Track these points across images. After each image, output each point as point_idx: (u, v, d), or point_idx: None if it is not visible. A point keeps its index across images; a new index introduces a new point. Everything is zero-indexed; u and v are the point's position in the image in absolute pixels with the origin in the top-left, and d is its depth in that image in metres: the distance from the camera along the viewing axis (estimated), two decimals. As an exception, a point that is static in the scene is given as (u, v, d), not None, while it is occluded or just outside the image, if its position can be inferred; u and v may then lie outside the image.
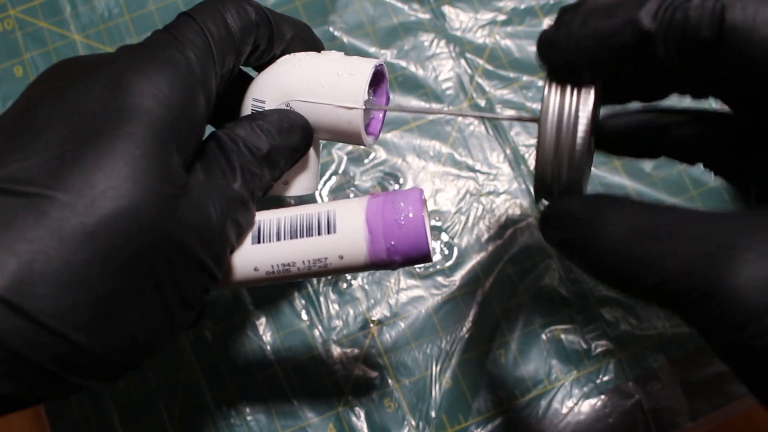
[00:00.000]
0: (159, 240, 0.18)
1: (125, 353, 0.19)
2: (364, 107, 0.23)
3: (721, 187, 0.38)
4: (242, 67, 0.25)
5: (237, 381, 0.36)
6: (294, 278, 0.23)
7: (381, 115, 0.26)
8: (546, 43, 0.21)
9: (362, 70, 0.23)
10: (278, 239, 0.22)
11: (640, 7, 0.19)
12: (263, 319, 0.36)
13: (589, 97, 0.21)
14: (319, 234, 0.22)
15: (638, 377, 0.36)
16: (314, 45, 0.26)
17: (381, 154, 0.39)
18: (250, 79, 0.25)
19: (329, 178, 0.38)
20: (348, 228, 0.22)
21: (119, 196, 0.17)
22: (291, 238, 0.22)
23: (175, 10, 0.41)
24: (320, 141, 0.26)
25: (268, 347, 0.36)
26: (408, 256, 0.23)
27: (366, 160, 0.39)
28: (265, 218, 0.23)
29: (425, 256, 0.23)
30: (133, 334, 0.18)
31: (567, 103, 0.21)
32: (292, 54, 0.25)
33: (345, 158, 0.38)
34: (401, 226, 0.22)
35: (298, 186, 0.26)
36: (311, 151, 0.26)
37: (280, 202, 0.35)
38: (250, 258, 0.23)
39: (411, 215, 0.22)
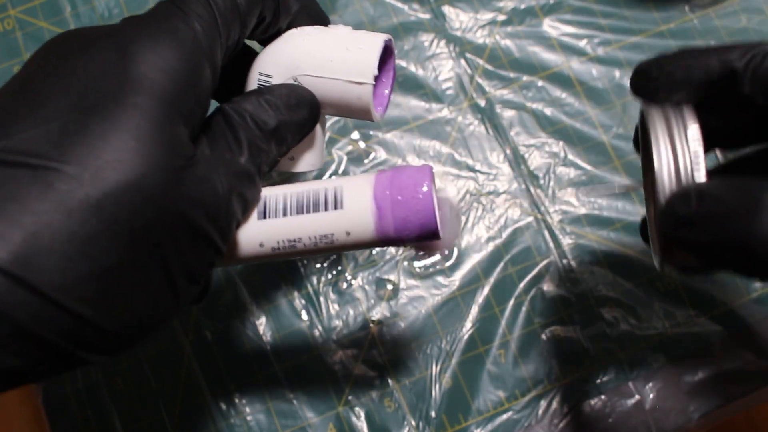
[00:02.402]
0: (165, 213, 0.18)
1: (130, 327, 0.18)
2: (373, 83, 0.23)
3: (721, 187, 0.38)
4: (247, 42, 0.24)
5: (237, 381, 0.36)
6: (300, 255, 0.23)
7: (388, 91, 0.26)
8: (640, 73, 0.23)
9: (372, 44, 0.23)
10: (284, 215, 0.22)
11: (730, 50, 0.21)
12: (263, 319, 0.36)
13: (691, 118, 0.22)
14: (326, 210, 0.22)
15: (638, 377, 0.36)
16: (321, 19, 0.25)
17: (381, 154, 0.39)
18: (255, 54, 0.25)
19: (329, 178, 0.38)
20: (355, 204, 0.22)
21: (125, 168, 0.17)
22: (297, 213, 0.22)
23: (175, 10, 0.41)
24: (326, 116, 0.26)
25: (268, 347, 0.36)
26: (417, 233, 0.22)
27: (366, 160, 0.39)
28: (271, 194, 0.23)
29: (434, 233, 0.22)
30: (138, 307, 0.18)
31: (673, 126, 0.22)
32: (299, 28, 0.24)
33: (345, 158, 0.38)
34: (410, 202, 0.22)
35: (304, 162, 0.26)
36: (317, 128, 0.25)
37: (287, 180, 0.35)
38: (256, 234, 0.22)
39: (421, 191, 0.22)
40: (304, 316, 0.36)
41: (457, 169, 0.39)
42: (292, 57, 0.23)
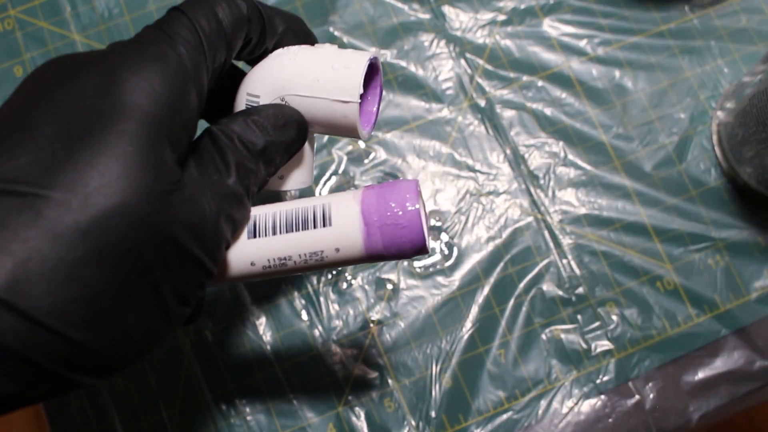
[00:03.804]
0: (153, 236, 0.18)
1: (122, 350, 0.19)
2: (359, 101, 0.23)
3: (722, 186, 0.38)
4: (234, 62, 0.24)
5: (237, 381, 0.36)
6: (291, 273, 0.23)
7: (375, 108, 0.26)
8: None
9: (357, 63, 0.23)
10: (274, 233, 0.22)
11: None
12: (263, 319, 0.36)
13: None
14: (314, 227, 0.22)
15: (638, 377, 0.36)
16: (307, 38, 0.25)
17: (381, 154, 0.39)
18: (243, 74, 0.25)
19: (329, 178, 0.38)
20: (343, 221, 0.22)
21: (112, 193, 0.17)
22: (287, 231, 0.22)
23: (175, 10, 0.41)
24: (315, 135, 0.26)
25: (268, 347, 0.36)
26: (404, 248, 0.22)
27: (366, 160, 0.39)
28: (260, 213, 0.23)
29: (422, 248, 0.22)
30: (129, 330, 0.18)
31: None
32: (285, 48, 0.24)
33: (345, 158, 0.38)
34: (397, 218, 0.22)
35: (294, 180, 0.26)
36: (306, 145, 0.25)
37: (277, 197, 0.35)
38: (247, 253, 0.22)
39: (407, 206, 0.22)
40: (304, 316, 0.36)
41: (457, 169, 0.39)
42: (279, 77, 0.24)
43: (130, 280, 0.18)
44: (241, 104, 0.24)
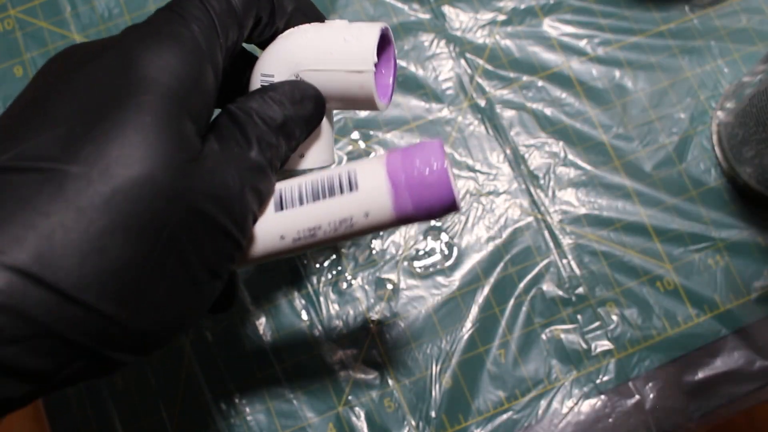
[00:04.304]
0: (177, 205, 0.18)
1: (155, 324, 0.19)
2: (374, 69, 0.23)
3: (721, 186, 0.38)
4: (245, 46, 0.24)
5: (237, 381, 0.36)
6: (321, 244, 0.23)
7: (391, 80, 0.26)
8: None
9: (369, 33, 0.23)
10: (301, 204, 0.22)
11: None
12: (263, 319, 0.36)
13: None
14: (341, 193, 0.22)
15: (638, 377, 0.36)
16: (317, 17, 0.25)
17: (381, 153, 0.39)
18: (255, 58, 0.25)
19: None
20: (370, 184, 0.22)
21: (132, 162, 0.17)
22: (314, 200, 0.22)
23: (175, 10, 0.41)
24: (333, 112, 0.26)
25: (268, 347, 0.36)
26: (434, 207, 0.22)
27: (366, 160, 0.39)
28: (285, 186, 0.23)
29: (452, 205, 0.22)
30: (161, 304, 0.18)
31: None
32: (296, 27, 0.24)
33: (345, 158, 0.38)
34: (424, 177, 0.22)
35: (314, 158, 0.25)
36: (325, 123, 0.25)
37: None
38: (275, 227, 0.22)
39: (434, 165, 0.22)
40: (304, 316, 0.36)
41: (457, 169, 0.39)
42: (292, 54, 0.23)
43: (157, 250, 0.18)
44: (256, 86, 0.24)
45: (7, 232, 0.16)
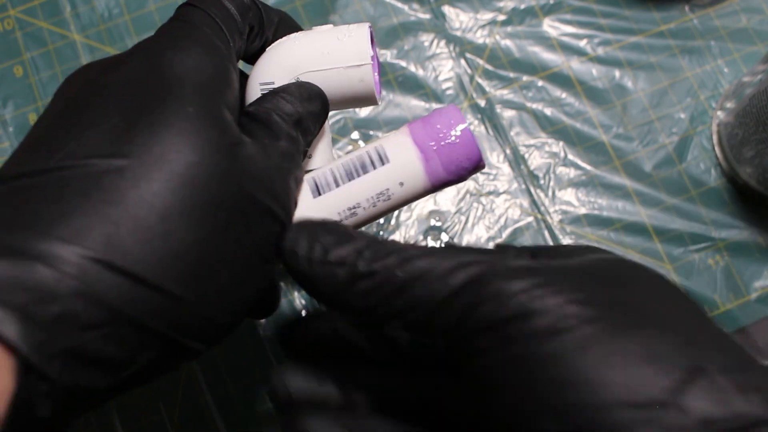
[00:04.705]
0: (229, 188, 0.19)
1: (220, 309, 0.19)
2: (372, 62, 0.24)
3: (721, 187, 0.38)
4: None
5: (237, 381, 0.36)
6: (363, 222, 0.24)
7: (377, 74, 0.27)
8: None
9: (360, 30, 0.24)
10: (337, 185, 0.23)
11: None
12: (263, 319, 0.36)
13: None
14: (374, 168, 0.23)
15: (638, 377, 0.36)
16: (299, 29, 0.26)
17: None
18: (243, 75, 0.26)
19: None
20: (399, 154, 0.23)
21: (184, 148, 0.18)
22: (349, 180, 0.23)
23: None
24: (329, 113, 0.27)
25: (268, 347, 0.36)
26: (463, 165, 0.23)
27: (366, 160, 0.39)
28: (318, 173, 0.24)
29: (479, 160, 0.23)
30: (222, 287, 0.19)
31: None
32: (285, 36, 0.25)
33: (345, 158, 0.38)
34: (448, 137, 0.23)
35: (320, 157, 0.26)
36: (326, 122, 0.26)
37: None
38: (316, 212, 0.23)
39: (455, 125, 0.23)
40: (305, 315, 0.36)
41: (457, 169, 0.39)
42: (290, 59, 0.24)
43: (215, 234, 0.18)
44: (254, 97, 0.25)
45: (73, 223, 0.16)
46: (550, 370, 0.16)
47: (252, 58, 0.25)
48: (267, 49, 0.25)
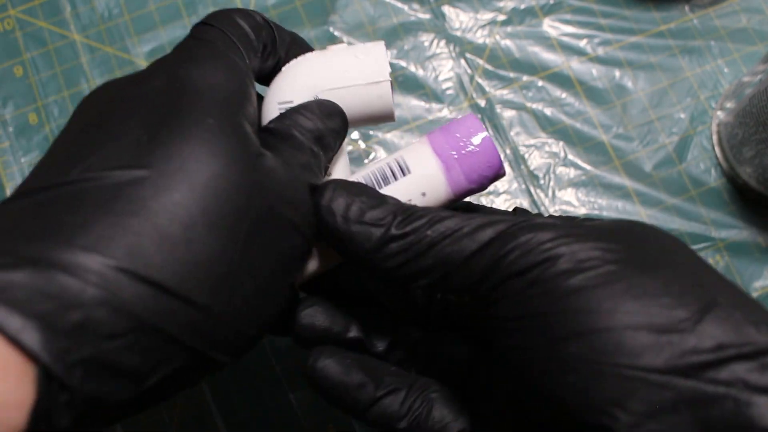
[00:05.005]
0: (251, 200, 0.19)
1: (245, 320, 0.19)
2: (390, 79, 0.24)
3: (721, 187, 0.38)
4: None
5: (237, 381, 0.36)
6: None
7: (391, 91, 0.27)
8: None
9: (376, 47, 0.24)
10: None
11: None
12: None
13: None
14: (396, 179, 0.23)
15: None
16: (310, 49, 0.26)
17: (381, 154, 0.39)
18: (259, 96, 0.25)
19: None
20: (420, 164, 0.23)
21: (205, 158, 0.18)
22: None
23: (175, 10, 0.41)
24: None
25: (268, 347, 0.36)
26: (484, 173, 0.23)
27: (366, 160, 0.39)
28: None
29: (500, 168, 0.23)
30: (247, 298, 0.19)
31: None
32: (299, 56, 0.25)
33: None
34: (468, 145, 0.23)
35: (338, 174, 0.26)
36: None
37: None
38: None
39: (475, 133, 0.23)
40: (304, 316, 0.36)
41: (457, 169, 0.39)
42: (307, 78, 0.24)
43: (238, 243, 0.18)
44: (271, 116, 0.25)
45: (95, 233, 0.16)
46: (576, 300, 0.17)
47: (265, 79, 0.25)
48: (284, 69, 0.25)
